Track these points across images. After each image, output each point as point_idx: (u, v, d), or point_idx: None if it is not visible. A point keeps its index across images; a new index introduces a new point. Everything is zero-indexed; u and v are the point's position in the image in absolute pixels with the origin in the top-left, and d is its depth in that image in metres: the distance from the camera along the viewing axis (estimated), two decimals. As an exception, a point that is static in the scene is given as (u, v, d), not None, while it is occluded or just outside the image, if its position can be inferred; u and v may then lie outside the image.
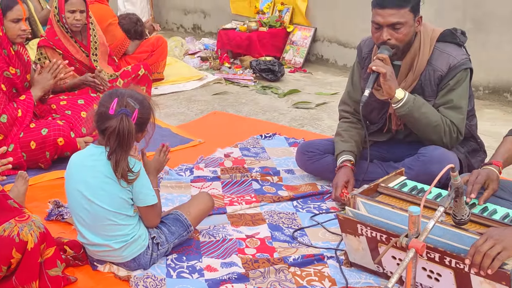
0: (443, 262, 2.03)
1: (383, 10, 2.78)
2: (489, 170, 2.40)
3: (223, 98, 5.21)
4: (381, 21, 2.80)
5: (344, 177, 3.00)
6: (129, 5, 7.54)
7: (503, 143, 2.56)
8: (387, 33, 2.80)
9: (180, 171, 3.50)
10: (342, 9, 6.07)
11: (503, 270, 1.89)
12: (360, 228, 2.25)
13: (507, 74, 4.85)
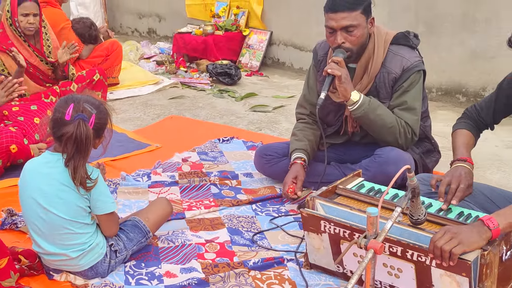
0: (405, 256, 2.06)
1: (335, 14, 2.81)
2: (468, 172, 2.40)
3: (180, 102, 5.18)
4: (334, 25, 2.83)
5: (293, 173, 3.01)
6: (82, 9, 7.43)
7: (460, 136, 2.59)
8: (341, 36, 2.83)
9: (137, 177, 3.46)
10: (298, 13, 6.11)
11: (464, 260, 1.93)
12: (323, 225, 2.26)
13: (458, 76, 4.97)
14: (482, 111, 2.62)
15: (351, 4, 2.80)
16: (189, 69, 6.24)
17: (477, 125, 2.63)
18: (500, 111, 2.56)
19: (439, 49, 5.01)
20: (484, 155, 3.80)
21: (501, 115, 2.58)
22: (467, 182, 2.35)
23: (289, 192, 2.98)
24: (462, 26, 4.84)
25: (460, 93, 4.99)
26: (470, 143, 2.57)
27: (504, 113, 2.56)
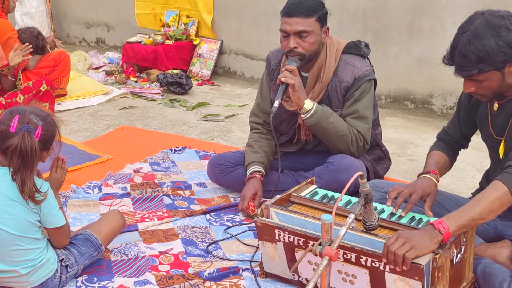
0: (359, 262, 2.08)
1: (290, 19, 2.84)
2: (428, 181, 2.42)
3: (130, 112, 5.12)
4: (288, 29, 2.85)
5: (252, 189, 3.02)
6: (27, 19, 7.27)
7: (430, 157, 2.61)
8: (294, 41, 2.86)
9: (88, 189, 3.39)
10: (248, 22, 6.13)
11: (417, 264, 1.96)
12: (277, 234, 2.26)
13: (406, 83, 5.07)
14: (450, 130, 2.66)
15: (307, 10, 2.83)
16: (139, 79, 6.17)
17: (449, 146, 2.66)
18: (466, 127, 2.59)
19: (387, 57, 5.11)
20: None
21: (468, 130, 2.60)
22: (420, 191, 2.38)
23: (249, 209, 2.97)
24: (408, 34, 4.95)
25: (408, 100, 5.10)
26: (440, 160, 2.58)
27: (469, 127, 2.59)
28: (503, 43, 2.07)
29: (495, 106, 2.36)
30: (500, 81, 2.17)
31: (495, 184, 2.10)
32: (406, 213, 2.33)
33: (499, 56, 2.09)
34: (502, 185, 2.08)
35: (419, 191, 2.37)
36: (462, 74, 2.18)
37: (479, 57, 2.09)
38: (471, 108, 2.53)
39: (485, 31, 2.09)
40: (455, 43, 2.17)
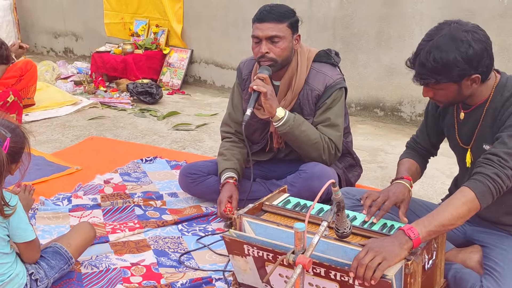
0: (329, 276, 2.07)
1: (262, 24, 2.86)
2: (401, 187, 2.43)
3: (100, 122, 5.07)
4: (260, 34, 2.87)
5: (227, 192, 3.00)
6: (-7, 29, 7.16)
7: (400, 165, 2.63)
8: (265, 46, 2.87)
9: (57, 201, 3.34)
10: (218, 31, 6.14)
11: (385, 279, 1.96)
12: (246, 249, 2.25)
13: (375, 91, 5.12)
14: (418, 138, 2.68)
15: (279, 16, 2.86)
16: (109, 89, 6.12)
17: (418, 153, 2.67)
18: (433, 135, 2.62)
19: (356, 65, 5.15)
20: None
21: (436, 138, 2.63)
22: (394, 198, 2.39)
23: (226, 211, 2.96)
24: (377, 43, 5.01)
25: (378, 107, 5.15)
26: (411, 167, 2.59)
27: (437, 135, 2.62)
28: (461, 58, 2.11)
29: (461, 115, 2.40)
30: (457, 92, 2.22)
31: (463, 190, 2.12)
32: (378, 219, 2.34)
33: (455, 70, 2.13)
34: (470, 191, 2.10)
35: (393, 197, 2.38)
36: (419, 81, 2.22)
37: (436, 68, 2.13)
38: (438, 116, 2.56)
39: (447, 44, 2.13)
40: (418, 50, 2.21)
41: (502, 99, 2.25)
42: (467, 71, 2.14)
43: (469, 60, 2.12)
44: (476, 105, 2.33)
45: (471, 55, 2.12)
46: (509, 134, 2.15)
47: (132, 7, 6.78)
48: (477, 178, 2.12)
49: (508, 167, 2.11)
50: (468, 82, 2.19)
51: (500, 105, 2.25)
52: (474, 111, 2.34)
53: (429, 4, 4.65)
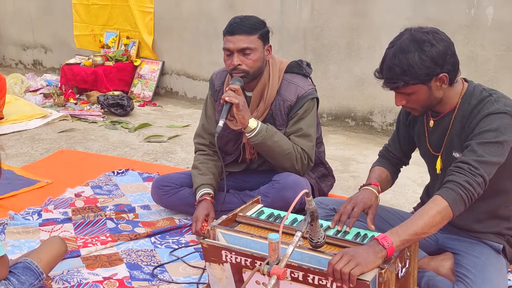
0: (307, 280, 2.07)
1: (233, 37, 2.86)
2: (368, 193, 2.45)
3: (70, 135, 5.01)
4: (231, 46, 2.87)
5: (204, 210, 2.99)
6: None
7: (371, 172, 2.65)
8: (237, 58, 2.87)
9: (27, 215, 3.29)
10: (189, 43, 6.13)
11: (363, 280, 1.97)
12: (224, 255, 2.24)
13: (346, 101, 5.16)
14: (390, 147, 2.71)
15: (249, 28, 2.87)
16: (79, 101, 6.07)
17: (390, 162, 2.70)
18: (405, 144, 2.65)
19: (327, 76, 5.19)
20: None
21: (407, 147, 2.66)
22: (361, 204, 2.41)
23: (204, 230, 2.93)
24: (348, 54, 5.06)
25: (349, 117, 5.19)
26: (381, 175, 2.61)
27: (408, 144, 2.65)
28: (426, 57, 2.16)
29: (431, 123, 2.43)
30: (428, 95, 2.25)
31: (435, 199, 2.15)
32: (351, 227, 2.35)
33: (422, 69, 2.16)
34: (442, 200, 2.13)
35: (360, 204, 2.40)
36: (388, 86, 2.25)
37: (403, 70, 2.17)
38: (409, 125, 2.59)
39: (409, 45, 2.17)
40: (384, 57, 2.25)
41: (470, 107, 2.29)
42: (433, 70, 2.18)
43: (433, 58, 2.16)
44: (444, 113, 2.36)
45: (435, 54, 2.16)
46: (478, 142, 2.19)
47: (102, 19, 6.75)
48: (449, 187, 2.15)
49: (479, 174, 2.14)
50: (437, 83, 2.22)
51: (467, 113, 2.29)
52: (443, 119, 2.37)
53: (397, 15, 4.72)
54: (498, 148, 2.18)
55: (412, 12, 4.64)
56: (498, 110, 2.20)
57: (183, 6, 6.08)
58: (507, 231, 2.45)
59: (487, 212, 2.41)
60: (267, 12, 5.39)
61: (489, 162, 2.16)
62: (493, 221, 2.43)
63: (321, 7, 5.11)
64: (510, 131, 2.20)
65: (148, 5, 6.30)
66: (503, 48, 4.29)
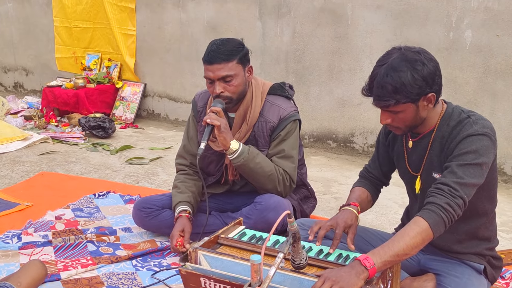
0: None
1: (212, 66, 2.86)
2: (348, 213, 2.46)
3: (51, 157, 4.97)
4: (211, 75, 2.87)
5: (180, 226, 2.97)
6: None
7: (351, 193, 2.67)
8: (219, 86, 2.88)
9: (6, 238, 3.24)
10: (171, 65, 6.15)
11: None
12: (203, 281, 2.22)
13: (328, 123, 5.20)
14: (370, 167, 2.73)
15: (226, 55, 2.86)
16: (60, 123, 6.03)
17: (370, 182, 2.72)
18: (385, 163, 2.67)
19: (309, 98, 5.23)
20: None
21: (387, 167, 2.68)
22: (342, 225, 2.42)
23: (177, 245, 2.92)
24: (329, 76, 5.10)
25: (330, 139, 5.22)
26: (361, 195, 2.63)
27: (388, 164, 2.67)
28: (418, 76, 2.18)
29: (409, 144, 2.45)
30: (415, 114, 2.27)
31: (416, 220, 2.16)
32: (334, 249, 2.36)
33: (415, 88, 2.19)
34: (423, 221, 2.14)
35: (341, 224, 2.40)
36: (379, 104, 2.26)
37: (396, 88, 2.18)
38: (388, 145, 2.61)
39: (401, 64, 2.19)
40: (374, 75, 2.26)
41: (449, 128, 2.32)
42: (424, 89, 2.20)
43: (425, 78, 2.19)
44: (423, 134, 2.39)
45: (426, 73, 2.19)
46: (458, 163, 2.21)
47: (84, 41, 6.75)
48: (430, 208, 2.16)
49: (459, 196, 2.16)
50: (424, 102, 2.25)
51: (447, 134, 2.31)
52: (422, 140, 2.40)
53: (378, 38, 4.78)
54: (478, 170, 2.21)
55: (392, 35, 4.71)
56: (477, 132, 2.23)
57: (165, 29, 6.11)
58: (487, 251, 2.47)
59: (468, 233, 2.43)
60: (249, 34, 5.44)
61: (469, 184, 2.19)
62: (473, 241, 2.45)
63: (302, 30, 5.16)
64: (489, 153, 2.23)
65: (130, 27, 6.32)
66: (481, 70, 4.37)
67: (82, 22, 6.67)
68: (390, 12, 4.69)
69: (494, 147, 2.26)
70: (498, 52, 4.28)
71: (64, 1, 6.72)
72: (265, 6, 5.34)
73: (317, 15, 5.06)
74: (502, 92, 4.33)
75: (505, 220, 3.69)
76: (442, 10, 4.45)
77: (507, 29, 4.22)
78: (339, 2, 4.93)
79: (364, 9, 4.82)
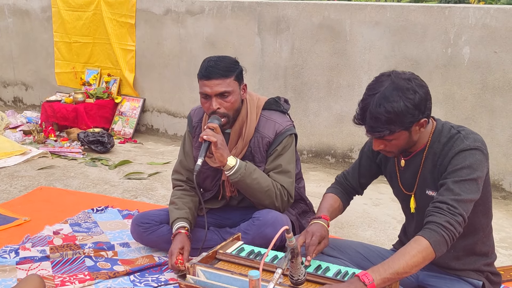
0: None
1: (210, 81, 2.87)
2: (320, 226, 2.50)
3: (50, 172, 4.97)
4: (208, 91, 2.88)
5: (179, 244, 2.96)
6: None
7: (325, 199, 2.71)
8: (216, 102, 2.88)
9: (3, 253, 3.23)
10: (170, 80, 6.17)
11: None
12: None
13: (327, 138, 5.21)
14: (349, 175, 2.75)
15: (225, 71, 2.87)
16: (59, 138, 6.03)
17: (345, 190, 2.76)
18: (365, 175, 2.70)
19: (308, 113, 5.24)
20: (355, 213, 3.97)
21: (366, 179, 2.72)
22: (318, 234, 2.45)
23: (178, 263, 2.90)
24: (327, 92, 5.12)
25: (329, 154, 5.22)
26: (333, 205, 2.68)
27: (368, 177, 2.71)
28: (411, 105, 2.19)
29: (402, 163, 2.47)
30: (407, 139, 2.29)
31: (417, 239, 2.16)
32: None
33: (408, 117, 2.20)
34: (424, 240, 2.14)
35: (317, 233, 2.47)
36: (374, 135, 2.27)
37: (390, 119, 2.19)
38: (379, 163, 2.63)
39: (393, 94, 2.19)
40: (365, 105, 2.25)
41: (440, 145, 2.33)
42: (417, 117, 2.22)
43: (417, 105, 2.19)
44: (415, 152, 2.40)
45: (418, 101, 2.20)
46: (453, 180, 2.22)
47: (84, 56, 6.77)
48: (431, 227, 2.16)
49: (458, 213, 2.16)
50: (416, 128, 2.26)
51: (438, 150, 2.32)
52: (414, 158, 2.41)
53: (376, 54, 4.81)
54: (473, 185, 2.21)
55: (391, 52, 4.73)
56: (469, 147, 2.24)
57: (165, 45, 6.14)
58: (486, 267, 2.47)
59: (465, 249, 2.43)
60: (248, 50, 5.46)
61: (466, 200, 2.19)
62: (471, 257, 2.45)
63: (301, 46, 5.19)
64: (482, 167, 2.24)
65: (130, 43, 6.35)
66: (479, 86, 4.38)
67: (82, 37, 6.70)
68: (389, 28, 4.72)
69: (486, 160, 2.28)
70: (496, 69, 4.30)
71: (64, 17, 6.76)
72: (264, 22, 5.37)
73: (315, 31, 5.08)
74: (500, 108, 4.34)
75: (504, 236, 3.68)
76: (440, 26, 4.48)
77: (504, 46, 4.24)
78: (338, 18, 4.96)
79: (363, 26, 4.85)
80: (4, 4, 7.38)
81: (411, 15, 4.61)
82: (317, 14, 5.06)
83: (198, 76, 2.92)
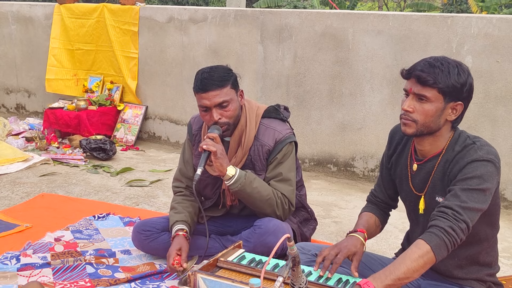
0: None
1: (207, 93, 2.86)
2: (354, 240, 2.46)
3: (52, 179, 4.97)
4: (207, 104, 2.87)
5: (176, 245, 2.95)
6: None
7: (359, 218, 2.67)
8: (216, 113, 2.88)
9: (5, 260, 3.23)
10: (172, 88, 6.18)
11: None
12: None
13: (329, 147, 5.20)
14: (376, 192, 2.72)
15: (220, 81, 2.87)
16: (61, 145, 6.04)
17: (378, 207, 2.72)
18: (389, 187, 2.66)
19: (310, 121, 5.24)
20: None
21: (392, 190, 2.67)
22: (345, 251, 2.41)
23: (174, 264, 2.90)
24: (330, 100, 5.12)
25: (331, 163, 5.22)
26: (369, 220, 2.63)
27: (393, 187, 2.65)
28: (461, 78, 2.21)
29: (414, 167, 2.45)
30: (437, 114, 2.25)
31: (418, 243, 2.15)
32: (333, 273, 2.35)
33: (455, 84, 2.20)
34: (425, 244, 2.13)
35: (344, 250, 2.40)
36: (418, 77, 2.23)
37: (442, 71, 2.19)
38: (390, 167, 2.61)
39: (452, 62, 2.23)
40: (422, 60, 2.27)
41: (453, 153, 2.31)
42: (459, 93, 2.23)
43: (463, 84, 2.23)
44: (428, 158, 2.39)
45: (469, 81, 2.25)
46: (461, 188, 2.21)
47: (86, 63, 6.79)
48: (432, 231, 2.15)
49: (463, 220, 2.15)
50: (449, 110, 2.25)
51: (450, 158, 2.31)
52: (427, 163, 2.40)
53: (378, 63, 4.81)
54: (481, 195, 2.20)
55: (393, 60, 4.74)
56: (481, 158, 2.23)
57: (167, 52, 6.15)
58: (488, 277, 2.46)
59: (469, 258, 2.42)
60: (251, 58, 5.47)
61: (472, 208, 2.18)
62: (474, 267, 2.43)
63: (303, 54, 5.20)
64: (492, 179, 2.23)
65: (133, 50, 6.36)
66: (482, 96, 4.39)
67: (85, 44, 6.72)
68: (391, 37, 4.73)
69: (498, 173, 2.26)
70: (499, 78, 4.31)
71: (67, 24, 6.78)
72: (266, 31, 5.38)
73: (318, 39, 5.09)
74: (503, 117, 4.34)
75: (507, 246, 3.67)
76: (442, 36, 4.49)
77: (507, 55, 4.25)
78: (340, 27, 4.97)
79: (365, 34, 4.86)
80: (8, 11, 7.41)
81: (413, 24, 4.62)
82: (320, 23, 5.07)
83: (194, 89, 2.91)
